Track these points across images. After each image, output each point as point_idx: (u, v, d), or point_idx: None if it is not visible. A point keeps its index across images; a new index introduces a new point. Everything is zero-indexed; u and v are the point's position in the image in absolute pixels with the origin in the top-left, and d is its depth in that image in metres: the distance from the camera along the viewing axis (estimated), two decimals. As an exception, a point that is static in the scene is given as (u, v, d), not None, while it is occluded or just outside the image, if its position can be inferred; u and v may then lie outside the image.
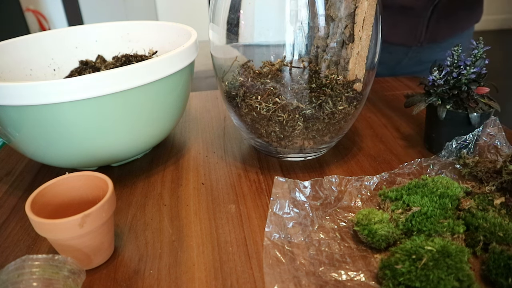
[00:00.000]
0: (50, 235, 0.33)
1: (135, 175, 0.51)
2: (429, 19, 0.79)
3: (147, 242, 0.40)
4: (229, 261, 0.37)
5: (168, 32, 0.60)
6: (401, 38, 0.82)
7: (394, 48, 0.86)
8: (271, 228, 0.38)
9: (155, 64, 0.43)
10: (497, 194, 0.41)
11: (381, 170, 0.50)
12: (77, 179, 0.38)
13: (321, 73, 0.47)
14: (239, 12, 0.47)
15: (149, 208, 0.45)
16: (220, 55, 0.51)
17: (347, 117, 0.48)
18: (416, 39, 0.82)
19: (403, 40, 0.83)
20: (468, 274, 0.32)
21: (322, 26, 0.46)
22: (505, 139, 0.49)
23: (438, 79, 0.48)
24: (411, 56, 0.86)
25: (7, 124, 0.42)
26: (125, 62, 0.58)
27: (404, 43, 0.83)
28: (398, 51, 0.86)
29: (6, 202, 0.47)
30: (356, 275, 0.34)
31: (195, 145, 0.58)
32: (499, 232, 0.36)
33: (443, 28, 0.81)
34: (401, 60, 0.87)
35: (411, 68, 0.89)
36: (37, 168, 0.54)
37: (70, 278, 0.30)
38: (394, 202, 0.41)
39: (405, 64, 0.88)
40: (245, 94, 0.47)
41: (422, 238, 0.36)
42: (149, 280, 0.35)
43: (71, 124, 0.42)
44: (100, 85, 0.40)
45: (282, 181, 0.43)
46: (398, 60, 0.87)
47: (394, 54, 0.87)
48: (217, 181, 0.49)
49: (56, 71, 0.61)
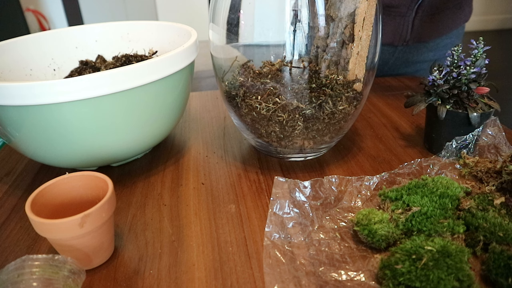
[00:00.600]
0: (50, 235, 0.33)
1: (135, 175, 0.51)
2: (414, 18, 0.78)
3: (147, 242, 0.40)
4: (229, 261, 0.37)
5: (168, 32, 0.60)
6: (387, 38, 0.82)
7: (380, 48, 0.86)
8: (271, 228, 0.38)
9: (155, 64, 0.43)
10: (497, 194, 0.41)
11: (381, 170, 0.50)
12: (77, 179, 0.38)
13: (321, 73, 0.47)
14: (239, 12, 0.47)
15: (149, 208, 0.45)
16: (220, 55, 0.51)
17: (347, 117, 0.48)
18: (401, 39, 0.81)
19: (388, 39, 0.82)
20: (468, 274, 0.32)
21: (322, 26, 0.46)
22: (505, 139, 0.49)
23: (438, 79, 0.48)
24: (397, 57, 0.86)
25: (7, 124, 0.42)
26: (125, 62, 0.58)
27: (389, 43, 0.83)
28: (384, 51, 0.86)
29: (6, 202, 0.47)
30: (356, 275, 0.34)
31: (195, 145, 0.58)
32: (499, 232, 0.36)
33: (428, 28, 0.81)
34: (388, 60, 0.87)
35: (398, 70, 0.88)
36: (37, 168, 0.54)
37: (70, 278, 0.30)
38: (394, 202, 0.41)
39: (392, 64, 0.87)
40: (245, 94, 0.47)
41: (422, 238, 0.36)
42: (149, 280, 0.35)
43: (71, 124, 0.42)
44: (100, 85, 0.40)
45: (282, 181, 0.43)
46: (385, 60, 0.87)
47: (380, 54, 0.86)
48: (217, 181, 0.49)
49: (56, 71, 0.61)
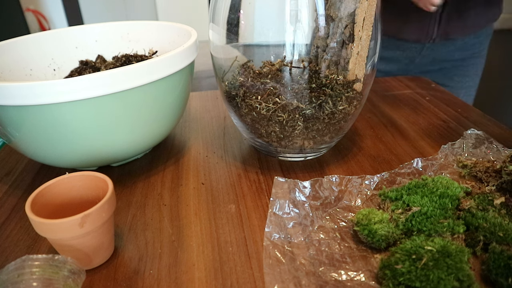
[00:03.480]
0: (50, 235, 0.33)
1: (135, 175, 0.51)
2: (441, 15, 0.78)
3: (147, 242, 0.40)
4: (229, 261, 0.37)
5: (168, 32, 0.60)
6: (413, 34, 0.82)
7: (407, 45, 0.85)
8: (271, 228, 0.38)
9: (155, 64, 0.43)
10: (497, 194, 0.41)
11: (381, 170, 0.50)
12: (77, 179, 0.38)
13: (321, 73, 0.47)
14: (239, 12, 0.47)
15: (149, 208, 0.45)
16: (220, 55, 0.51)
17: (347, 117, 0.48)
18: (428, 36, 0.81)
19: (415, 36, 0.82)
20: (468, 274, 0.32)
21: (322, 26, 0.46)
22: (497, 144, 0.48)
23: None
24: (424, 54, 0.85)
25: (7, 124, 0.42)
26: (125, 62, 0.58)
27: (416, 39, 0.83)
28: (411, 48, 0.85)
29: (6, 202, 0.47)
30: (356, 275, 0.34)
31: (195, 145, 0.58)
32: (499, 232, 0.36)
33: (455, 25, 0.80)
34: (414, 58, 0.86)
35: (425, 67, 0.88)
36: (37, 168, 0.54)
37: (70, 278, 0.30)
38: (394, 202, 0.41)
39: (419, 62, 0.87)
40: (245, 94, 0.47)
41: (422, 238, 0.36)
42: (149, 280, 0.35)
43: (71, 124, 0.42)
44: (100, 85, 0.40)
45: (282, 181, 0.43)
46: (411, 58, 0.87)
47: (407, 51, 0.86)
48: (217, 181, 0.49)
49: (56, 71, 0.61)
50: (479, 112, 0.64)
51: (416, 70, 0.89)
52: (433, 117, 0.63)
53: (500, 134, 0.57)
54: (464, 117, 0.63)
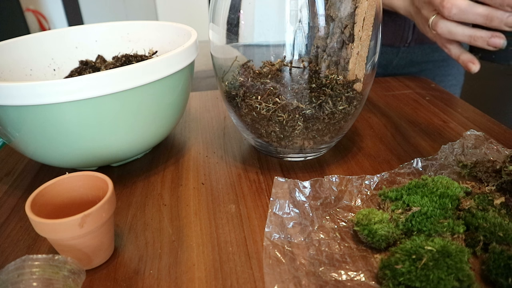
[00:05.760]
0: (50, 235, 0.33)
1: (135, 175, 0.51)
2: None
3: (147, 242, 0.40)
4: (229, 261, 0.37)
5: (168, 32, 0.60)
6: (388, 39, 0.82)
7: (383, 49, 0.86)
8: (271, 228, 0.38)
9: (155, 64, 0.43)
10: (497, 194, 0.41)
11: (381, 170, 0.50)
12: (77, 179, 0.38)
13: (321, 73, 0.47)
14: (239, 12, 0.47)
15: (149, 208, 0.45)
16: (220, 55, 0.51)
17: (347, 117, 0.48)
18: (403, 40, 0.81)
19: (390, 41, 0.83)
20: (468, 274, 0.32)
21: (322, 26, 0.46)
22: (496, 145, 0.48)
23: None
24: (401, 57, 0.86)
25: (7, 124, 0.42)
26: (125, 62, 0.58)
27: (391, 44, 0.83)
28: (388, 51, 0.86)
29: (6, 202, 0.47)
30: (356, 275, 0.34)
31: (195, 145, 0.58)
32: (499, 232, 0.36)
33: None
34: (392, 60, 0.87)
35: (404, 69, 0.88)
36: (37, 168, 0.54)
37: (70, 278, 0.30)
38: (394, 202, 0.41)
39: (397, 64, 0.88)
40: (245, 94, 0.47)
41: (422, 238, 0.36)
42: (149, 280, 0.35)
43: (71, 124, 0.42)
44: (100, 85, 0.40)
45: (282, 181, 0.43)
46: (389, 60, 0.87)
47: (384, 54, 0.87)
48: (217, 181, 0.49)
49: (56, 71, 0.61)
50: (479, 112, 0.64)
51: (396, 71, 0.89)
52: (433, 117, 0.63)
53: (500, 134, 0.57)
54: (464, 117, 0.63)
